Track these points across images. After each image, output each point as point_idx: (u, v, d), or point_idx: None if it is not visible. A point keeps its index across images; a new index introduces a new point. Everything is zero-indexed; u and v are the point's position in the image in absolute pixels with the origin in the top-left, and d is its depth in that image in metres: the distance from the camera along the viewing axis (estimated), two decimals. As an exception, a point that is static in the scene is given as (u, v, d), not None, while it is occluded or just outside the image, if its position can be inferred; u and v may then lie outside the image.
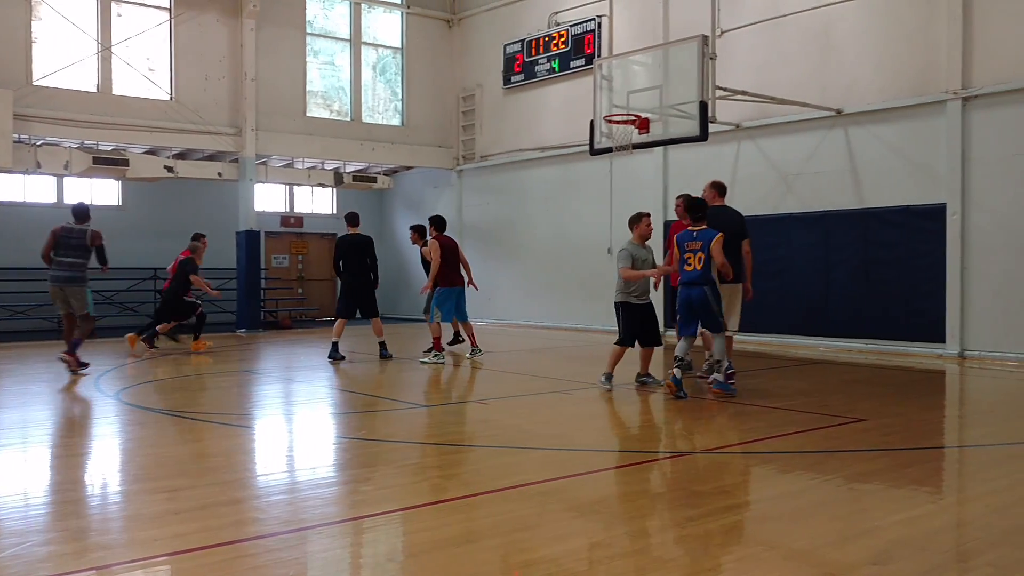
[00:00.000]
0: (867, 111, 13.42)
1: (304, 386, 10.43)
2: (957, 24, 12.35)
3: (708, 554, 4.16)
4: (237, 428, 7.58)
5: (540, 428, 7.54)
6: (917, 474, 5.74)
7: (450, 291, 12.10)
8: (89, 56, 16.49)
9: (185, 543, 4.21)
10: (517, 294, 19.04)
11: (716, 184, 9.96)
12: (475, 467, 6.18)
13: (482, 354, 12.40)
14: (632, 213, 9.62)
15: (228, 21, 17.88)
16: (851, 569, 3.84)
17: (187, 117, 17.26)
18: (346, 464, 6.27)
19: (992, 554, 4.07)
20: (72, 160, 16.42)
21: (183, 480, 5.51)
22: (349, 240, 12.64)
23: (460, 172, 21.05)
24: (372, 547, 4.41)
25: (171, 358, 12.97)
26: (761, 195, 14.39)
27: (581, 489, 5.39)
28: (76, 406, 8.85)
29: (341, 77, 20.02)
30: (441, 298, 12.01)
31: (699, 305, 8.73)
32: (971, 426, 8.02)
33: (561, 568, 3.87)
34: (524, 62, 19.02)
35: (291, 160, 19.76)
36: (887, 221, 13.18)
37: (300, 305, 22.15)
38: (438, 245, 12.05)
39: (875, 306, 13.29)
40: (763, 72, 14.48)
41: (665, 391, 8.84)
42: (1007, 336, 12.00)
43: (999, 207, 12.09)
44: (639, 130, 12.48)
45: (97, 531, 4.50)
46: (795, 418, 7.81)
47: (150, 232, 19.48)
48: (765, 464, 6.12)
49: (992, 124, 12.16)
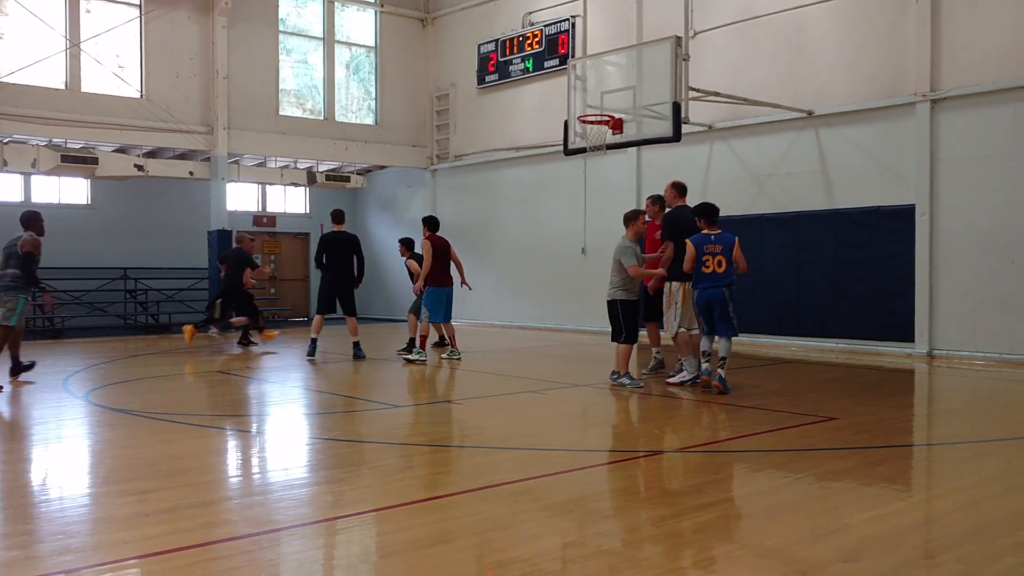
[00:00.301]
0: (838, 113, 13.56)
1: (277, 387, 10.35)
2: (926, 27, 12.51)
3: (681, 553, 4.18)
4: (209, 429, 7.51)
5: (514, 428, 7.54)
6: (887, 472, 5.81)
7: (440, 291, 12.09)
8: (57, 53, 16.27)
9: (155, 546, 4.16)
10: (491, 294, 19.03)
11: (677, 184, 10.03)
12: (449, 467, 6.17)
13: (459, 356, 12.38)
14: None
15: (199, 18, 17.71)
16: (822, 566, 3.88)
17: (158, 115, 17.07)
18: (319, 465, 6.23)
19: (959, 551, 4.13)
20: (40, 158, 16.18)
21: (153, 482, 5.44)
22: (333, 237, 12.59)
23: (434, 172, 21.01)
24: (346, 548, 4.39)
25: (162, 357, 12.83)
26: (734, 196, 14.48)
27: (555, 489, 5.39)
28: (44, 408, 8.72)
29: (314, 76, 19.91)
30: (431, 298, 12.00)
31: (718, 306, 8.95)
32: (939, 424, 8.13)
33: (535, 568, 3.87)
34: (498, 62, 19.02)
35: (263, 159, 19.62)
36: (857, 222, 13.33)
37: (273, 305, 21.98)
38: (429, 245, 12.04)
39: (846, 306, 13.43)
40: (736, 73, 14.58)
41: (713, 390, 8.94)
42: (974, 336, 12.17)
43: (967, 208, 12.27)
44: (613, 131, 12.52)
45: (65, 534, 4.43)
46: (767, 417, 7.87)
47: (120, 232, 19.27)
48: (737, 463, 6.16)
49: (960, 126, 12.34)
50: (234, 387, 10.55)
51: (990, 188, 12.05)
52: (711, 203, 9.33)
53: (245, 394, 10.13)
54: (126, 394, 9.57)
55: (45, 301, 10.54)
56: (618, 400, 8.94)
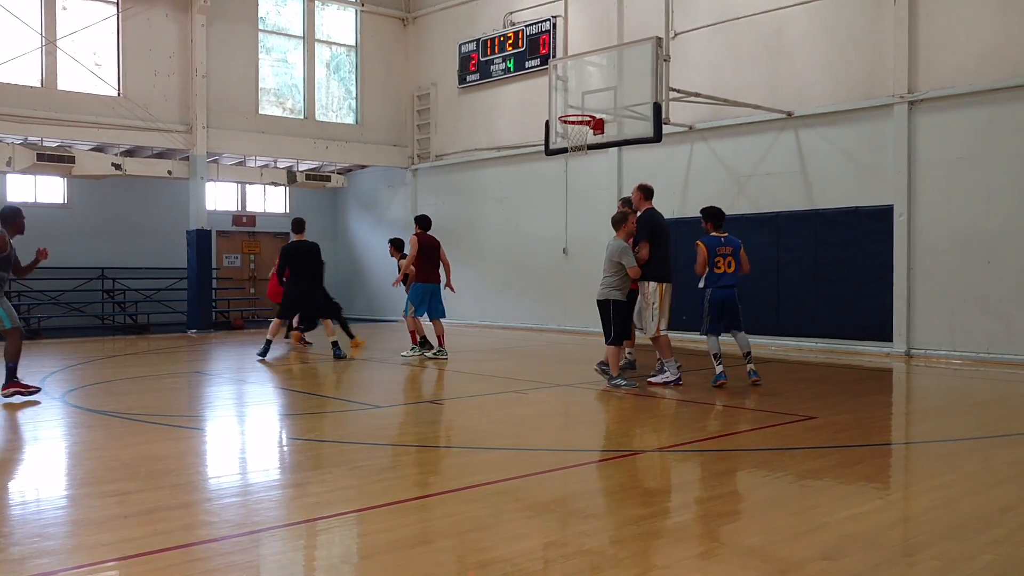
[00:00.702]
0: (817, 114, 13.65)
1: (256, 387, 10.29)
2: (903, 30, 12.62)
3: (662, 552, 4.19)
4: (187, 430, 7.45)
5: (495, 428, 7.54)
6: (866, 470, 5.85)
7: (425, 287, 12.27)
8: (33, 50, 16.09)
9: (134, 548, 4.12)
10: (472, 294, 19.00)
11: (644, 187, 10.15)
12: (430, 468, 6.15)
13: (446, 356, 12.28)
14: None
15: (178, 16, 17.58)
16: (802, 564, 3.90)
17: (135, 114, 16.92)
18: (299, 466, 6.20)
19: (937, 548, 4.17)
20: (15, 156, 15.99)
21: (132, 484, 5.39)
22: (296, 247, 12.43)
23: (415, 171, 20.96)
24: (326, 549, 4.36)
25: (140, 357, 12.71)
26: (714, 196, 14.46)
27: (536, 489, 5.39)
28: (20, 409, 8.61)
29: (294, 75, 19.81)
30: (415, 293, 12.27)
31: (731, 305, 9.38)
32: (918, 423, 8.20)
33: (517, 568, 3.87)
34: (479, 61, 19.00)
35: (243, 158, 19.49)
36: (836, 222, 13.43)
37: (252, 305, 21.85)
38: (416, 240, 12.23)
39: (825, 306, 13.53)
40: (716, 74, 14.65)
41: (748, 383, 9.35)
42: (951, 335, 12.30)
43: (944, 209, 12.39)
44: (594, 131, 12.54)
45: (41, 536, 4.37)
46: (747, 416, 7.91)
47: (97, 231, 19.09)
48: (717, 462, 6.19)
49: (937, 128, 12.45)
50: (212, 387, 10.48)
51: (967, 189, 12.17)
52: (717, 207, 9.77)
53: (223, 395, 10.06)
54: (104, 395, 9.48)
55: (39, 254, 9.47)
56: (600, 400, 8.96)
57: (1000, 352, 11.79)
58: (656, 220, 9.71)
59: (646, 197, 10.02)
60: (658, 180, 15.77)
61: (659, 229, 9.60)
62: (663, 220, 9.83)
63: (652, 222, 9.66)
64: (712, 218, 9.61)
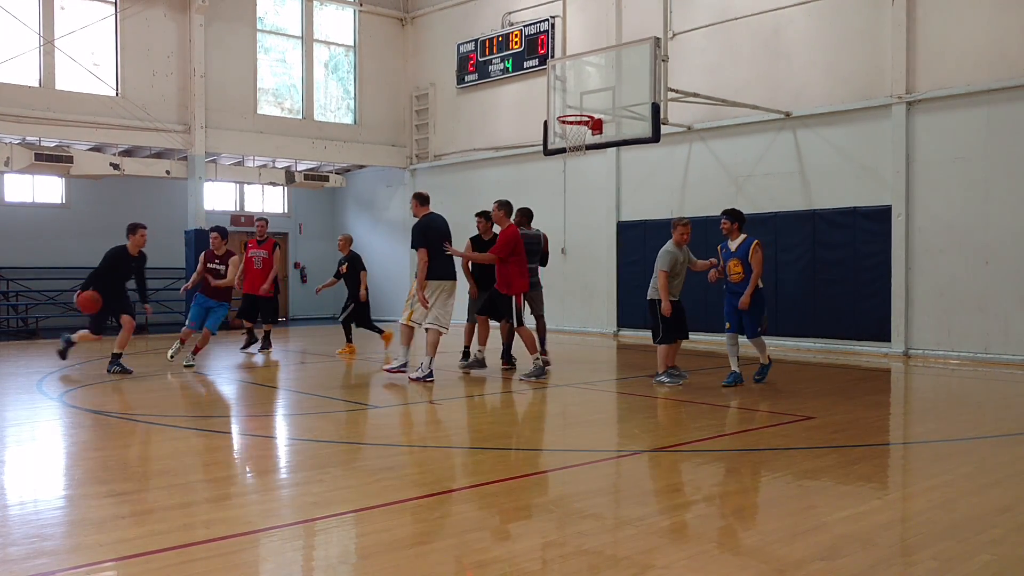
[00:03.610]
0: (815, 114, 13.66)
1: (254, 387, 10.28)
2: (901, 31, 12.63)
3: (660, 552, 4.19)
4: (185, 431, 7.44)
5: (493, 428, 7.54)
6: (864, 470, 5.86)
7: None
8: (31, 50, 16.07)
9: (132, 548, 4.12)
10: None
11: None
12: (428, 468, 6.15)
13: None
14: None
15: (176, 16, 17.57)
16: (800, 565, 3.90)
17: (134, 113, 16.92)
18: (298, 466, 6.19)
19: (935, 548, 4.17)
20: (13, 156, 15.97)
21: (130, 484, 5.39)
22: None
23: (413, 171, 20.95)
24: (324, 549, 4.36)
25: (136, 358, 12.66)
26: (712, 196, 14.55)
27: (534, 489, 5.39)
28: (18, 409, 8.61)
29: (292, 75, 19.80)
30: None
31: (743, 309, 9.39)
32: (915, 423, 8.21)
33: (515, 567, 3.87)
34: (478, 62, 19.00)
35: (241, 158, 19.48)
36: (834, 222, 13.43)
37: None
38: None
39: (823, 306, 13.53)
40: (714, 75, 14.66)
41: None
42: (949, 335, 12.31)
43: (942, 209, 12.40)
44: (592, 131, 12.55)
45: (39, 537, 4.37)
46: (744, 416, 7.91)
47: (95, 231, 18.97)
48: (715, 462, 6.19)
49: (935, 128, 12.47)
50: (210, 387, 10.47)
51: (964, 189, 12.19)
52: (735, 210, 9.83)
53: (221, 394, 10.06)
54: (101, 395, 9.46)
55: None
56: (598, 400, 8.96)
57: (998, 352, 11.80)
58: (433, 224, 10.10)
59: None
60: (656, 180, 15.84)
61: (433, 232, 9.99)
62: (441, 223, 10.22)
63: (428, 227, 10.03)
64: (734, 220, 9.60)
